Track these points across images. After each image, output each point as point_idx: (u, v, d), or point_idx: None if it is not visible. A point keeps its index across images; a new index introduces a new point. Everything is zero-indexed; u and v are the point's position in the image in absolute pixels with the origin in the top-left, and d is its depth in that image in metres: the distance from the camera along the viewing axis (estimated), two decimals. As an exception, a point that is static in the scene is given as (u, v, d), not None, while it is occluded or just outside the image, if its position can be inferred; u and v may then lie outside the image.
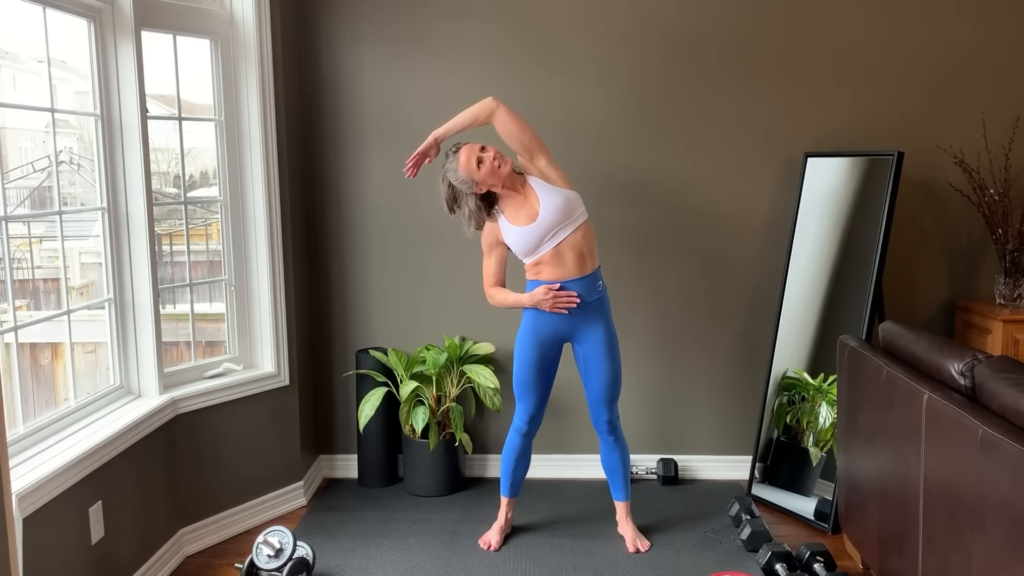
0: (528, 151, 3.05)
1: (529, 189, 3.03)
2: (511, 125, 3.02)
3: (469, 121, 3.04)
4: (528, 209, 3.01)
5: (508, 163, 2.98)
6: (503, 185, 3.01)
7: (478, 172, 2.95)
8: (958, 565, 2.11)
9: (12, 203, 3.14)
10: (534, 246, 3.01)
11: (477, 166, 2.95)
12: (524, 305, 3.07)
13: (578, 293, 3.02)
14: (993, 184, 3.61)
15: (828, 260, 3.55)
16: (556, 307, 3.02)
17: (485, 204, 3.06)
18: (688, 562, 3.11)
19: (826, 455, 3.43)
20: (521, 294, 3.07)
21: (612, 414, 3.17)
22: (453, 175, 3.00)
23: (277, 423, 3.54)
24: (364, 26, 3.73)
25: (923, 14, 3.66)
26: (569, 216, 2.99)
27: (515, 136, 3.03)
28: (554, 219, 2.97)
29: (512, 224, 3.02)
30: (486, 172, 2.95)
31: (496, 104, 3.02)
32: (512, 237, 3.03)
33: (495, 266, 3.14)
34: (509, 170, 2.98)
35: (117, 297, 3.06)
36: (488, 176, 2.96)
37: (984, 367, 2.22)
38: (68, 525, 2.51)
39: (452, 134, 3.07)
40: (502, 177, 2.98)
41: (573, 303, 3.01)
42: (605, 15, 3.69)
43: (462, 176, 2.97)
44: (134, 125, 2.99)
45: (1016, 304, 3.55)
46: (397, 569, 3.07)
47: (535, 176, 3.05)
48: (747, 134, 3.73)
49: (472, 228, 3.10)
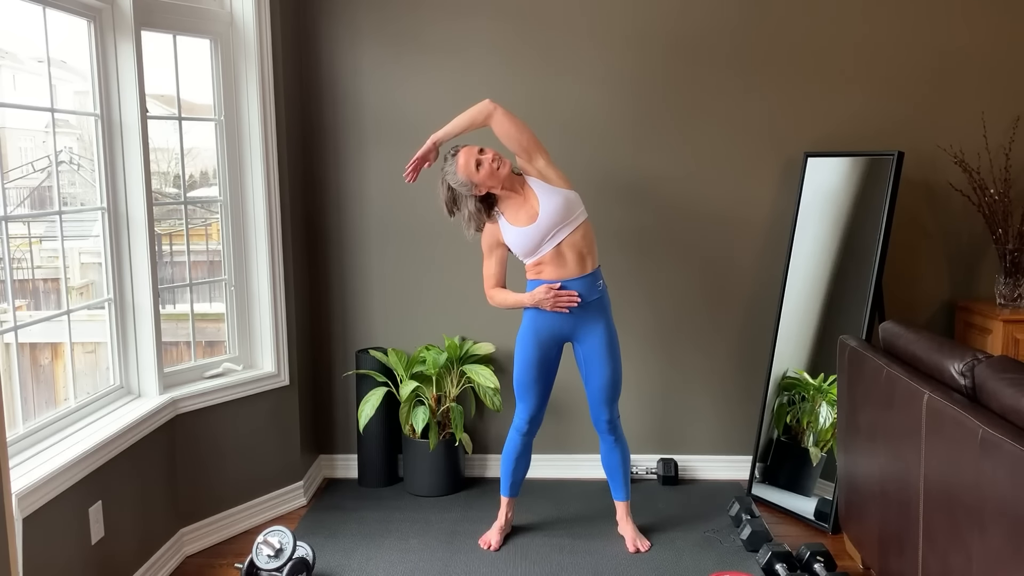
0: (526, 152, 3.05)
1: (528, 190, 3.03)
2: (509, 126, 3.02)
3: (467, 124, 3.04)
4: (528, 210, 3.01)
5: (507, 165, 2.98)
6: (502, 187, 3.01)
7: (477, 174, 2.95)
8: (958, 565, 2.11)
9: (12, 203, 3.14)
10: (534, 247, 3.01)
11: (476, 168, 2.95)
12: (525, 305, 3.08)
13: (579, 292, 3.02)
14: (993, 184, 3.61)
15: (828, 260, 3.55)
16: (557, 306, 3.02)
17: (485, 206, 3.06)
18: (688, 562, 3.11)
19: (826, 455, 3.43)
20: (522, 294, 3.07)
21: (612, 414, 3.17)
22: (452, 178, 3.00)
23: (277, 423, 3.54)
24: (364, 26, 3.73)
25: (923, 14, 3.66)
26: (569, 216, 2.99)
27: (513, 137, 3.03)
28: (554, 219, 2.97)
29: (512, 225, 3.02)
30: (485, 174, 2.95)
31: (493, 106, 3.02)
32: (512, 238, 3.03)
33: (495, 267, 3.14)
34: (508, 172, 2.99)
35: (117, 297, 3.06)
36: (487, 178, 2.96)
37: (984, 367, 2.22)
38: (68, 525, 2.51)
39: (450, 137, 3.07)
40: (501, 179, 2.98)
41: (574, 302, 3.01)
42: (605, 15, 3.69)
43: (461, 179, 2.97)
44: (134, 125, 2.99)
45: (1016, 304, 3.55)
46: (397, 569, 3.07)
47: (534, 177, 3.05)
48: (747, 134, 3.73)
49: (472, 230, 3.11)
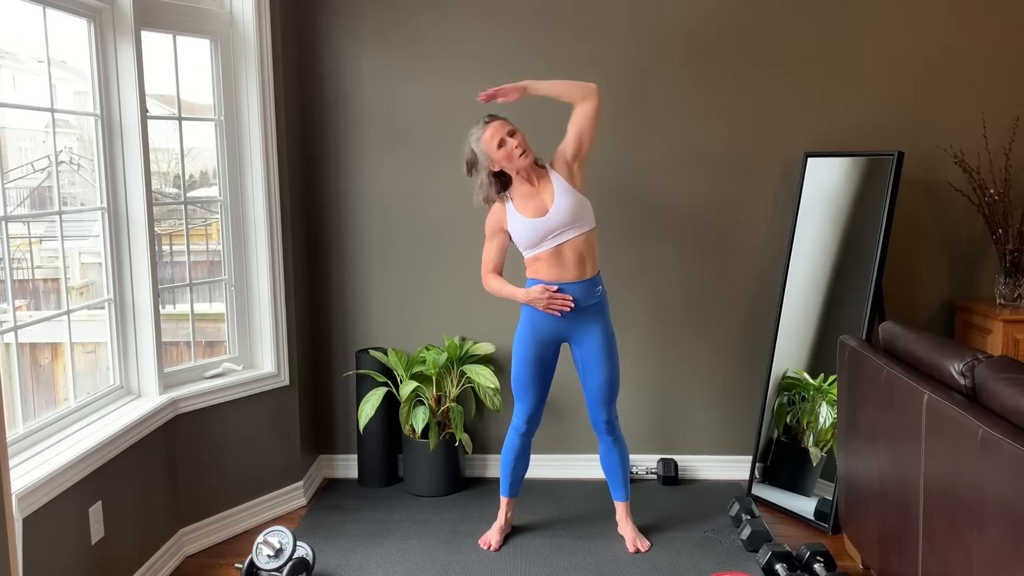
0: (577, 147, 3.04)
1: (546, 184, 3.02)
2: (590, 119, 3.02)
3: (561, 93, 3.03)
4: (538, 203, 3.00)
5: (529, 156, 2.97)
6: (517, 172, 3.00)
7: (496, 152, 2.96)
8: (958, 565, 2.11)
9: (12, 203, 3.14)
10: (536, 240, 3.00)
11: (497, 146, 2.95)
12: (517, 299, 3.07)
13: (575, 297, 3.01)
14: (993, 184, 3.61)
15: (828, 260, 3.55)
16: (550, 308, 3.02)
17: (498, 182, 3.05)
18: (688, 562, 3.11)
19: (826, 455, 3.43)
20: (516, 288, 3.07)
21: (611, 415, 3.16)
22: (475, 143, 3.00)
23: (277, 423, 3.54)
24: (364, 26, 3.73)
25: (924, 14, 3.66)
26: (577, 220, 2.99)
27: (584, 129, 3.02)
28: (562, 219, 2.97)
29: (519, 214, 3.02)
30: (503, 155, 2.95)
31: (595, 94, 3.01)
32: (517, 227, 3.02)
33: (495, 252, 3.14)
34: (527, 163, 2.98)
35: (117, 297, 3.06)
36: (503, 159, 2.96)
37: (984, 367, 2.22)
38: (68, 525, 2.51)
39: (540, 94, 3.05)
40: (517, 166, 2.97)
41: (567, 307, 3.01)
42: (605, 15, 3.69)
43: (482, 148, 2.98)
44: (134, 125, 2.99)
45: (1016, 304, 3.55)
46: (397, 569, 3.07)
47: (561, 172, 3.04)
48: (747, 134, 3.73)
49: (480, 199, 3.09)
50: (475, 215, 3.82)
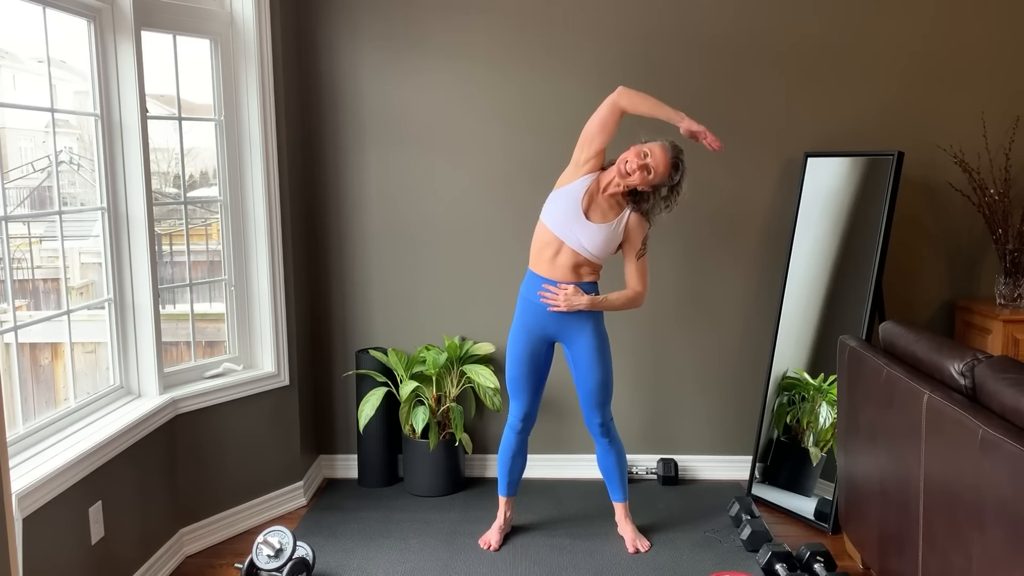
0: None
1: (613, 213, 3.02)
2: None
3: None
4: (596, 209, 3.00)
5: (637, 183, 2.95)
6: (616, 185, 2.99)
7: (625, 161, 2.95)
8: (958, 565, 2.11)
9: (12, 203, 3.14)
10: (559, 217, 2.99)
11: (631, 158, 2.94)
12: (659, 115, 3.04)
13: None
14: (993, 184, 3.61)
15: (828, 260, 3.55)
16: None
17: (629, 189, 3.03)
18: (688, 562, 3.11)
19: (826, 455, 3.43)
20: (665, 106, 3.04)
21: (604, 417, 3.16)
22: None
23: (277, 423, 3.54)
24: (364, 26, 3.73)
25: (924, 14, 3.66)
26: (592, 249, 3.00)
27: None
28: (585, 235, 2.98)
29: (583, 188, 3.00)
30: (624, 165, 2.95)
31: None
32: (567, 189, 3.02)
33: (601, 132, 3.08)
34: (621, 187, 2.98)
35: (117, 297, 3.06)
36: (620, 164, 2.97)
37: (984, 367, 2.22)
38: (68, 525, 2.51)
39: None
40: (622, 181, 2.96)
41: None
42: (604, 16, 3.69)
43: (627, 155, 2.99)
44: (134, 125, 2.99)
45: (1016, 304, 3.55)
46: (397, 569, 3.07)
47: (629, 230, 3.04)
48: (747, 134, 3.73)
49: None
50: (475, 215, 3.83)
